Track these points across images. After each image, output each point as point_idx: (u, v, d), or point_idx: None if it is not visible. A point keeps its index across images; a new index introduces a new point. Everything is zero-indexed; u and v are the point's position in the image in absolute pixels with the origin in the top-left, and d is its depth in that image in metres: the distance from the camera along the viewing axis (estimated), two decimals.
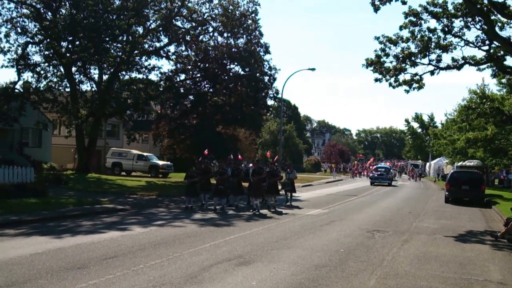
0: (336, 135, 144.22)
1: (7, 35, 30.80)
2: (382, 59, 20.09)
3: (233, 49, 34.25)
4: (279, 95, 39.49)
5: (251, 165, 21.95)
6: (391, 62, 20.08)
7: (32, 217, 14.77)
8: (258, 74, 35.15)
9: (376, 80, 20.44)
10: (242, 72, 35.08)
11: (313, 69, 39.76)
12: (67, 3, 31.27)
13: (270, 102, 40.16)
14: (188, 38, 34.19)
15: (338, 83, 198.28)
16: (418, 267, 9.68)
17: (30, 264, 8.87)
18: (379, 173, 43.29)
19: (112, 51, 32.76)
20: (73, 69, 32.80)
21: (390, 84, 20.20)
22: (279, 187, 21.68)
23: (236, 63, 34.83)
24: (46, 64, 32.22)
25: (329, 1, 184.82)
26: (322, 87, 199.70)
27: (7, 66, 30.86)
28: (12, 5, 31.20)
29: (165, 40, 34.86)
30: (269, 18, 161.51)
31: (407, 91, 20.14)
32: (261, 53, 35.46)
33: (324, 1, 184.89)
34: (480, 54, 19.42)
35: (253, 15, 34.57)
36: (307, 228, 14.42)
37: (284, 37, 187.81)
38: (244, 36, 34.79)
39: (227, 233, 13.10)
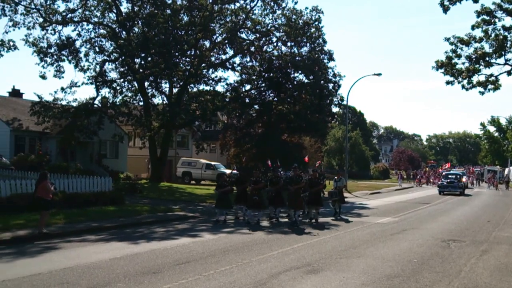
0: (405, 141, 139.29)
1: (86, 55, 33.10)
2: (453, 61, 19.36)
3: (297, 58, 34.39)
4: (344, 102, 39.05)
5: (291, 172, 19.36)
6: (463, 63, 19.34)
7: (111, 223, 15.68)
8: (322, 82, 35.04)
9: (448, 82, 19.70)
10: (306, 80, 35.13)
11: (379, 74, 38.97)
12: (139, 22, 32.97)
13: (335, 109, 39.95)
14: (252, 49, 34.84)
15: (405, 88, 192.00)
16: (500, 279, 9.14)
17: (109, 268, 9.43)
18: (448, 180, 37.97)
19: (181, 65, 34.05)
20: (146, 83, 34.43)
21: (463, 87, 19.40)
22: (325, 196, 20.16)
23: (300, 72, 34.95)
24: (122, 80, 34.10)
25: (393, 5, 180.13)
26: (389, 93, 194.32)
27: (86, 83, 33.06)
28: (90, 26, 33.53)
29: (231, 52, 35.78)
30: (332, 25, 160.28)
31: (482, 93, 19.24)
32: (325, 61, 35.38)
33: (388, 6, 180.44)
34: None
35: (316, 23, 34.59)
36: (377, 237, 14.08)
37: (349, 43, 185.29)
38: (308, 44, 34.90)
39: (294, 240, 13.12)
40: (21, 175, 24.38)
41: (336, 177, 21.18)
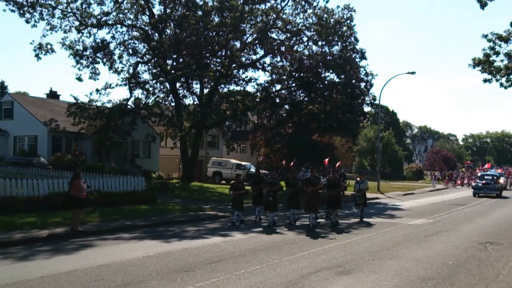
0: (440, 141, 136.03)
1: (120, 57, 33.87)
2: (491, 58, 18.78)
3: (328, 57, 34.10)
4: (376, 101, 38.49)
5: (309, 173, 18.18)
6: (501, 60, 18.73)
7: (144, 222, 16.00)
8: (354, 81, 34.62)
9: (485, 80, 19.14)
10: (337, 80, 34.78)
11: (412, 73, 38.32)
12: (171, 23, 33.48)
13: (367, 108, 39.37)
14: (283, 49, 34.79)
15: (440, 87, 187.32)
16: None
17: (143, 266, 9.61)
18: (484, 181, 35.47)
19: (212, 66, 34.38)
20: (177, 84, 34.94)
21: (501, 85, 18.82)
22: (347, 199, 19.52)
23: (331, 71, 34.63)
24: (154, 81, 34.71)
25: (427, 1, 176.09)
26: (423, 91, 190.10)
27: (120, 85, 33.91)
28: (124, 29, 34.27)
29: (261, 53, 35.86)
30: (364, 23, 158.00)
31: None
32: (357, 59, 34.98)
33: (422, 2, 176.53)
34: None
35: (348, 21, 34.30)
36: (411, 239, 13.80)
37: (381, 41, 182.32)
38: (339, 43, 34.62)
39: (325, 241, 13.02)
40: (58, 174, 25.17)
41: (358, 179, 19.45)
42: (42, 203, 17.03)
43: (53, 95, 42.53)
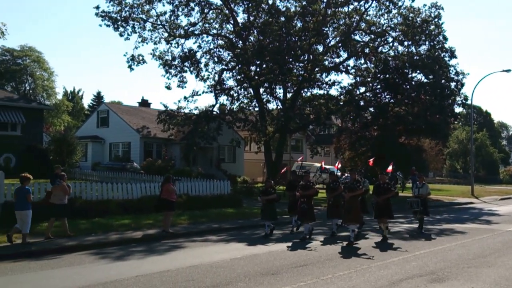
0: None
1: (206, 65, 35.10)
2: None
3: (415, 57, 32.85)
4: (468, 102, 36.38)
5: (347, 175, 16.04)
6: None
7: (230, 225, 16.47)
8: (443, 81, 33.07)
9: None
10: (425, 80, 33.40)
11: (508, 71, 36.10)
12: (255, 31, 34.09)
13: (457, 109, 37.28)
14: (367, 50, 34.01)
15: None
16: None
17: (230, 268, 9.88)
18: None
19: (294, 70, 34.41)
20: (261, 90, 35.39)
21: None
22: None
23: (418, 71, 33.33)
24: (238, 87, 35.49)
25: None
26: None
27: (206, 92, 35.15)
28: (210, 38, 35.55)
29: (344, 55, 35.26)
30: (454, 20, 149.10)
31: None
32: (446, 59, 33.39)
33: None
34: None
35: (435, 20, 32.89)
36: (510, 246, 12.82)
37: (471, 39, 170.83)
38: (427, 42, 33.27)
39: (416, 247, 12.51)
40: (150, 178, 26.49)
41: (418, 182, 16.69)
42: (135, 206, 17.97)
43: (144, 103, 45.23)
